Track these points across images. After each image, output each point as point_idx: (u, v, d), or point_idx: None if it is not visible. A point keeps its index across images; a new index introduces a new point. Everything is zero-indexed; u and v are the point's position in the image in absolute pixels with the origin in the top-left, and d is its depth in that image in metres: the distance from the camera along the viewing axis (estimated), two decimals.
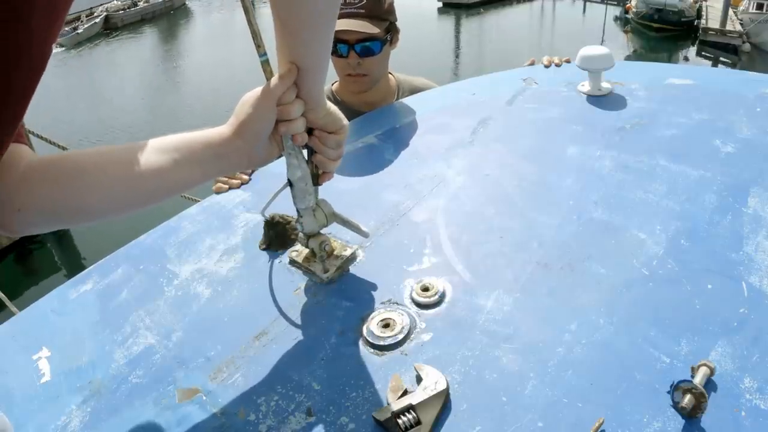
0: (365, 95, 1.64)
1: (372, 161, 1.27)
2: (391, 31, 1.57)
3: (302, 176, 0.85)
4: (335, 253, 0.96)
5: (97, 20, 32.06)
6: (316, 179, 0.88)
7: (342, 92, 1.71)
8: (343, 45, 1.53)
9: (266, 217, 1.03)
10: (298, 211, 0.89)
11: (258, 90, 0.78)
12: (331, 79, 1.75)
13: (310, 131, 0.84)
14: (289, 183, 0.86)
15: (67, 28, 29.05)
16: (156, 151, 0.75)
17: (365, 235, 0.96)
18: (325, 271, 0.93)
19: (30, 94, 0.54)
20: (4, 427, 0.70)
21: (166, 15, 36.93)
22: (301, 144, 0.83)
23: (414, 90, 1.71)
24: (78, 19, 32.26)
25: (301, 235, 0.94)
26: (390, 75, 1.73)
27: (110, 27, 32.84)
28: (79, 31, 30.08)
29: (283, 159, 0.85)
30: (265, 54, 0.76)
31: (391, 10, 1.56)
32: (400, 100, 1.59)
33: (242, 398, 0.76)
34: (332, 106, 0.84)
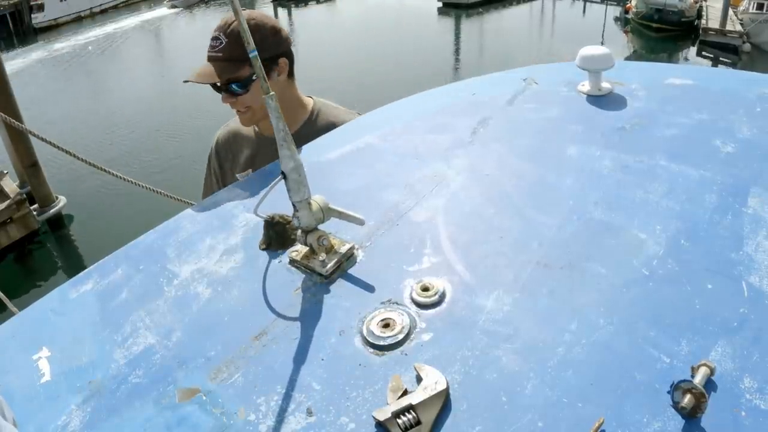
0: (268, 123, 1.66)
1: (372, 161, 1.27)
2: (266, 67, 1.50)
3: (295, 167, 0.87)
4: (334, 249, 0.96)
5: None
6: None
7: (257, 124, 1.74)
8: (214, 86, 1.57)
9: (265, 217, 1.03)
10: (294, 205, 0.90)
11: None
12: None
13: None
14: (283, 175, 0.88)
15: None
16: None
17: (361, 222, 0.96)
18: (324, 265, 0.93)
19: None
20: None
21: None
22: None
23: (329, 122, 1.66)
24: None
25: (299, 232, 0.94)
26: (309, 98, 1.75)
27: None
28: None
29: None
30: (254, 50, 0.83)
31: (263, 47, 1.48)
32: (405, 99, 1.59)
33: (242, 398, 0.76)
34: None
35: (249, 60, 1.46)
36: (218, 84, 1.57)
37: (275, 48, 1.59)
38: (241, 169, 1.73)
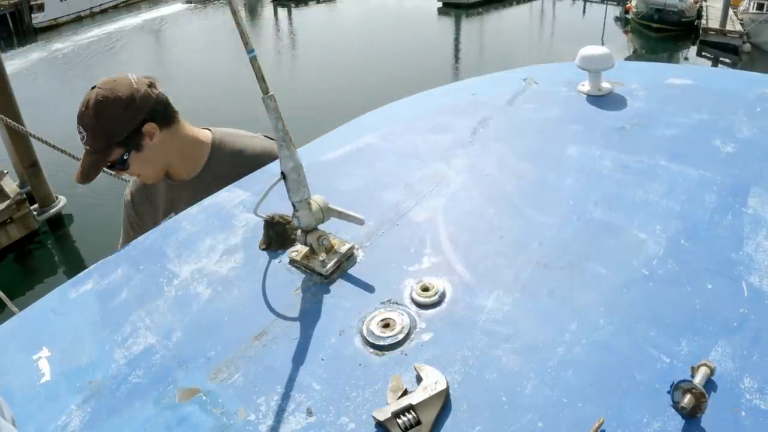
0: (170, 171, 1.63)
1: (372, 161, 1.27)
2: (132, 142, 1.49)
3: (294, 167, 0.88)
4: (334, 249, 0.96)
5: None
6: None
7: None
8: None
9: (265, 217, 1.03)
10: (293, 205, 0.90)
11: None
12: None
13: None
14: (283, 176, 0.88)
15: None
16: None
17: (361, 222, 0.96)
18: (324, 265, 0.93)
19: None
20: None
21: None
22: None
23: (235, 151, 1.61)
24: None
25: (299, 232, 0.94)
26: (207, 130, 1.66)
27: None
28: None
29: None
30: (253, 51, 0.82)
31: (117, 130, 1.46)
32: (405, 99, 1.59)
33: (242, 398, 0.76)
34: None
35: (114, 144, 1.48)
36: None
37: (130, 122, 1.47)
38: (162, 214, 1.65)
